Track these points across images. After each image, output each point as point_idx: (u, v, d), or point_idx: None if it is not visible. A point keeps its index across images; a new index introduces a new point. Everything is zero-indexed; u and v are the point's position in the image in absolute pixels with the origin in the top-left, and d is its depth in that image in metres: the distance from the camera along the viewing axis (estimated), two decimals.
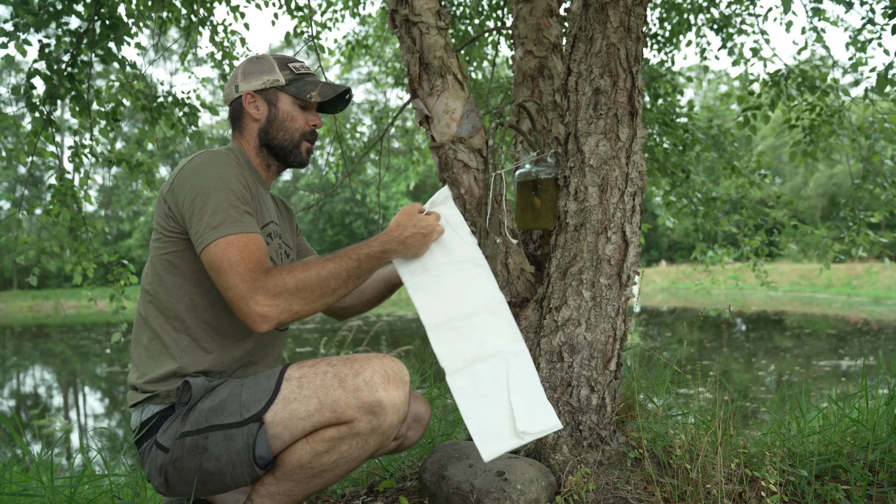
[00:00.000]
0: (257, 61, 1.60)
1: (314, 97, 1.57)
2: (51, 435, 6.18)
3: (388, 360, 1.35)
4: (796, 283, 24.23)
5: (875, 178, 4.54)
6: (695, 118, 5.44)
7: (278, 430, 1.31)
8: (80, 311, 23.94)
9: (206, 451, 1.33)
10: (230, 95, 1.61)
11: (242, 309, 1.31)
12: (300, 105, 1.60)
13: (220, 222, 1.35)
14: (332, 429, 1.31)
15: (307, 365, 1.36)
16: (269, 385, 1.34)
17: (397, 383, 1.32)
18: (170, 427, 1.39)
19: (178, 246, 1.45)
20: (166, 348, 1.45)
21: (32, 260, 3.95)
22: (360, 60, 6.93)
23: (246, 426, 1.32)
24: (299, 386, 1.32)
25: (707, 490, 1.54)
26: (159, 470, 1.39)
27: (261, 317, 1.31)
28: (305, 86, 1.59)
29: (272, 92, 1.58)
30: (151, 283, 1.48)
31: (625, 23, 1.73)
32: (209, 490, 1.39)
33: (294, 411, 1.30)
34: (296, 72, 1.61)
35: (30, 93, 3.31)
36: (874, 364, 5.04)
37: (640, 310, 17.21)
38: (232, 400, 1.35)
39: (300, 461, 1.33)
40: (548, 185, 1.85)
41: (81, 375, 10.80)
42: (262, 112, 1.58)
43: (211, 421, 1.34)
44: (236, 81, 1.60)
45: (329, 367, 1.33)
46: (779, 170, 32.70)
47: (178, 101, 4.11)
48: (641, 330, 9.21)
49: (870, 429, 1.80)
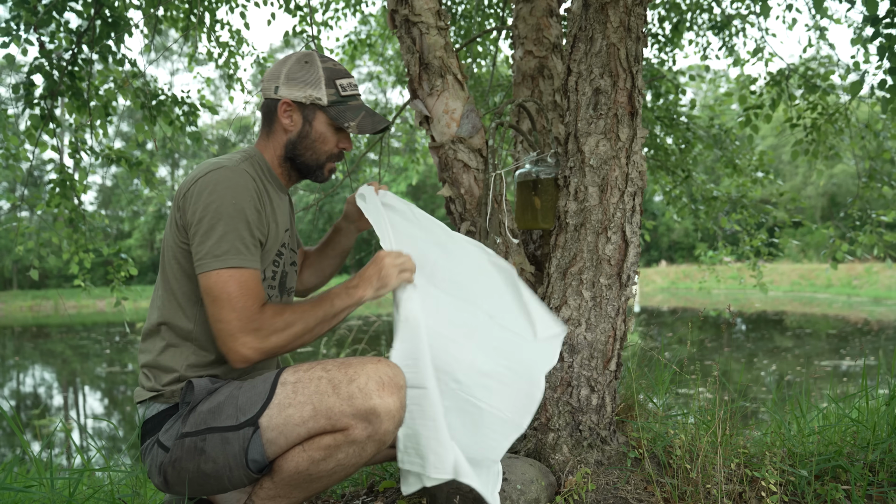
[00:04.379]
0: (305, 67, 1.50)
1: (351, 128, 1.50)
2: (51, 434, 6.17)
3: (383, 364, 1.33)
4: (796, 283, 24.22)
5: (883, 176, 4.52)
6: (695, 118, 5.44)
7: (273, 434, 1.31)
8: (80, 311, 23.96)
9: (204, 453, 1.34)
10: (267, 91, 1.52)
11: (228, 344, 1.34)
12: (335, 126, 1.53)
13: (224, 251, 1.34)
14: (328, 436, 1.30)
15: (302, 369, 1.36)
16: (264, 389, 1.34)
17: (392, 389, 1.30)
18: (172, 426, 1.40)
19: (188, 257, 1.44)
20: (174, 355, 1.45)
21: (32, 253, 3.95)
22: (361, 59, 6.93)
23: (241, 430, 1.32)
24: (294, 391, 1.32)
25: (707, 490, 1.54)
26: (159, 469, 1.40)
27: (242, 358, 1.34)
28: (346, 112, 1.51)
29: (311, 108, 1.50)
30: (163, 292, 1.48)
31: (625, 23, 1.73)
32: (208, 491, 1.40)
33: (289, 417, 1.30)
34: (341, 92, 1.51)
35: (29, 89, 3.31)
36: (875, 364, 5.04)
37: (640, 310, 17.22)
38: (229, 403, 1.35)
39: (297, 468, 1.33)
40: (548, 185, 1.85)
41: (81, 375, 10.80)
42: (295, 125, 1.51)
43: (209, 423, 1.35)
44: (277, 81, 1.50)
45: (324, 373, 1.32)
46: (779, 170, 32.69)
47: (176, 100, 4.11)
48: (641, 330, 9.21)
49: (870, 429, 1.80)
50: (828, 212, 29.83)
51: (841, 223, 4.84)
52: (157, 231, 35.89)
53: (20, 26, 3.19)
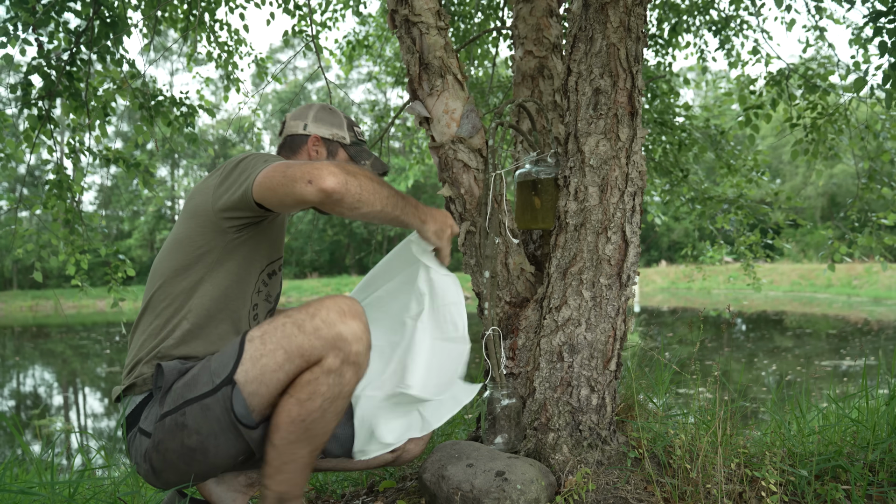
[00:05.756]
0: (330, 112, 1.79)
1: (366, 167, 1.74)
2: (51, 435, 6.17)
3: (340, 298, 1.41)
4: (796, 283, 24.22)
5: (883, 177, 4.51)
6: (692, 118, 5.44)
7: (253, 387, 1.36)
8: (80, 311, 23.95)
9: (186, 427, 1.36)
10: (294, 129, 1.76)
11: (308, 168, 1.36)
12: (349, 162, 1.74)
13: (265, 162, 1.45)
14: (307, 373, 1.36)
15: (265, 323, 1.41)
16: (233, 350, 1.39)
17: (353, 315, 1.37)
18: (150, 412, 1.43)
19: (210, 230, 1.52)
20: (161, 328, 1.50)
21: (32, 255, 3.95)
22: (360, 59, 6.93)
23: (220, 391, 1.36)
24: (262, 342, 1.37)
25: (707, 490, 1.54)
26: (144, 456, 1.42)
27: (327, 171, 1.36)
28: (362, 153, 1.80)
29: (335, 145, 1.76)
30: (164, 267, 1.54)
31: (625, 23, 1.73)
32: (197, 471, 1.41)
33: (264, 366, 1.35)
34: (357, 137, 1.81)
35: (27, 90, 3.30)
36: (875, 364, 5.04)
37: (640, 310, 17.22)
38: (203, 372, 1.39)
39: (290, 416, 1.37)
40: (548, 185, 1.85)
41: (81, 375, 10.80)
42: (319, 157, 1.73)
43: (186, 396, 1.38)
44: (305, 120, 1.75)
45: (286, 318, 1.39)
46: (779, 170, 32.70)
47: (175, 101, 4.10)
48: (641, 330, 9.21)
49: (870, 429, 1.80)
50: (828, 212, 29.82)
51: (841, 223, 4.83)
52: (157, 231, 35.86)
53: (18, 26, 3.18)
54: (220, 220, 1.49)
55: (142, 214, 36.53)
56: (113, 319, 19.80)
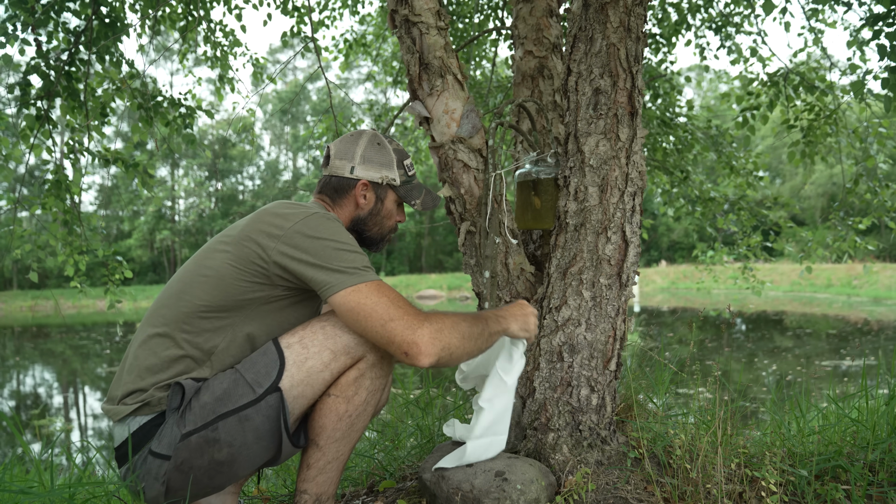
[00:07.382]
0: (379, 149, 1.64)
1: (417, 205, 1.67)
2: (51, 435, 6.17)
3: None
4: (796, 283, 24.23)
5: (868, 181, 4.55)
6: (694, 118, 5.43)
7: (299, 390, 1.37)
8: (80, 311, 23.95)
9: (217, 442, 1.33)
10: (341, 169, 1.62)
11: (409, 339, 1.32)
12: (398, 203, 1.69)
13: (360, 268, 1.37)
14: (352, 370, 1.40)
15: (298, 329, 1.42)
16: (271, 358, 1.38)
17: None
18: (164, 434, 1.35)
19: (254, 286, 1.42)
20: (176, 361, 1.40)
21: (30, 256, 3.95)
22: (359, 59, 6.93)
23: (264, 399, 1.35)
24: (303, 346, 1.38)
25: (707, 490, 1.54)
26: (161, 479, 1.34)
27: (426, 350, 1.32)
28: (413, 191, 1.68)
29: (384, 188, 1.65)
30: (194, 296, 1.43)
31: (625, 23, 1.73)
32: (216, 484, 1.38)
33: (311, 368, 1.37)
34: (408, 172, 1.68)
35: (26, 89, 3.30)
36: (875, 364, 5.04)
37: (640, 310, 17.22)
38: (237, 385, 1.36)
39: (337, 414, 1.40)
40: (548, 185, 1.85)
41: (81, 375, 10.80)
42: (368, 203, 1.64)
43: (219, 410, 1.34)
44: (353, 161, 1.62)
45: (323, 323, 1.40)
46: (778, 170, 32.72)
47: (174, 102, 4.09)
48: (641, 330, 9.21)
49: (870, 429, 1.80)
50: (828, 211, 29.84)
51: (835, 224, 4.87)
52: (157, 231, 35.86)
53: (17, 26, 3.18)
54: (273, 274, 1.41)
55: (142, 214, 36.53)
56: (113, 319, 19.80)
